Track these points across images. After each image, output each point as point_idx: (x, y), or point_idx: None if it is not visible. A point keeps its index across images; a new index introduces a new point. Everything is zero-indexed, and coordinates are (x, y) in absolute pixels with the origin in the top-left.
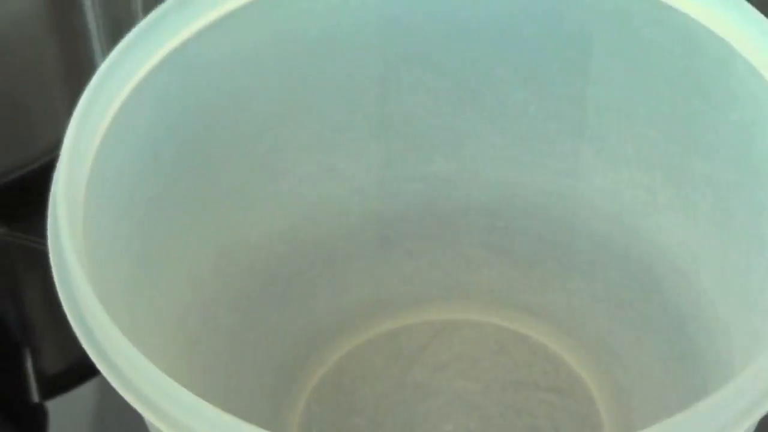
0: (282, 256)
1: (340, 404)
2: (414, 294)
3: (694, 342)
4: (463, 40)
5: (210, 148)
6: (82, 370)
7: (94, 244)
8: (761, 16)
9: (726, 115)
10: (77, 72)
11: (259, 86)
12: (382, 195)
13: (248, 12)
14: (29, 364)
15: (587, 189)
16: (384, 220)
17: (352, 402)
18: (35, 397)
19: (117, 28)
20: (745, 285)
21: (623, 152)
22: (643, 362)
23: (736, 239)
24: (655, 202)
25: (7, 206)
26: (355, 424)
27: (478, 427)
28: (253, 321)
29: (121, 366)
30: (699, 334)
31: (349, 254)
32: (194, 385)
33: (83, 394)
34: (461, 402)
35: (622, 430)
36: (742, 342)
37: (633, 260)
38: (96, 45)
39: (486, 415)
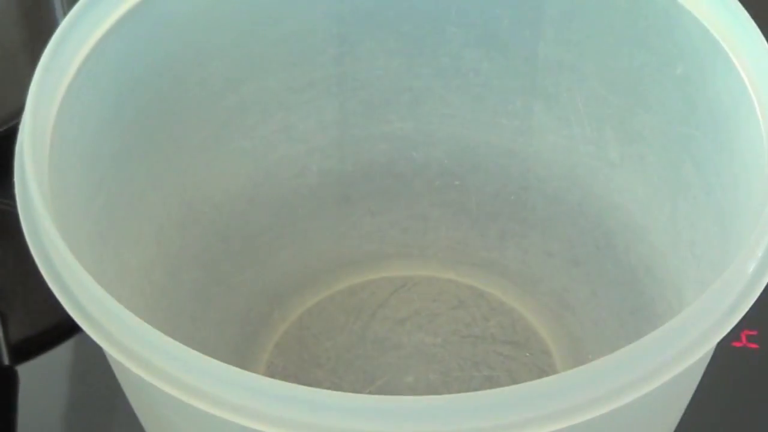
0: (244, 214)
1: (302, 358)
2: (374, 251)
3: (646, 295)
4: (414, 2)
5: (173, 105)
6: (51, 335)
7: (61, 197)
8: None
9: (671, 68)
10: (39, 36)
11: (220, 45)
12: (341, 154)
13: None
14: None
15: (541, 146)
16: (344, 180)
17: (314, 356)
18: (6, 360)
19: None
20: (694, 237)
21: (574, 109)
22: (597, 315)
23: (684, 192)
24: (607, 157)
25: None
26: (317, 377)
27: (438, 379)
28: (217, 276)
29: (88, 307)
30: (651, 287)
31: (310, 212)
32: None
33: (53, 358)
34: (421, 355)
35: None
36: (692, 293)
37: (586, 216)
38: (57, 5)
39: (445, 367)
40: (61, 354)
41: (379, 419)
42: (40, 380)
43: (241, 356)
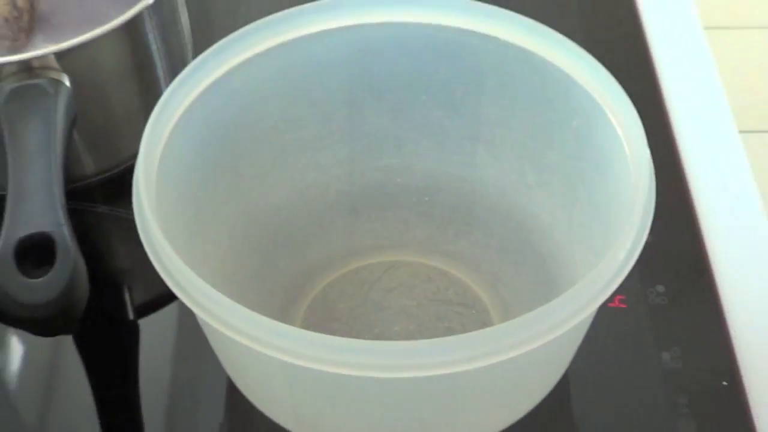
0: (286, 220)
1: (324, 315)
2: (372, 244)
3: (552, 272)
4: (399, 79)
5: (239, 148)
6: (158, 301)
7: (164, 210)
8: (592, 58)
9: (569, 122)
10: (149, 102)
11: (270, 108)
12: (350, 181)
13: (262, 58)
14: (127, 296)
15: (482, 175)
16: (352, 197)
17: (332, 313)
18: (131, 316)
19: (173, 67)
20: (584, 234)
21: (504, 150)
22: (519, 286)
23: (577, 204)
24: (525, 181)
25: (108, 193)
26: (334, 327)
27: (415, 329)
28: (268, 261)
29: (183, 283)
30: (555, 268)
31: (330, 219)
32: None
33: (163, 316)
34: (403, 313)
35: None
36: (583, 272)
37: (512, 220)
38: (161, 80)
39: (419, 320)
40: (166, 313)
41: (376, 356)
42: (153, 332)
43: (284, 314)
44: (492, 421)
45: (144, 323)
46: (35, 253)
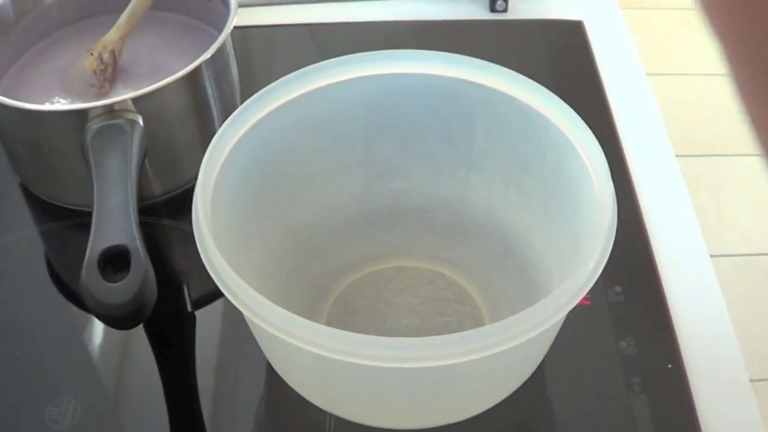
0: (314, 233)
1: (346, 310)
2: (384, 251)
3: (532, 275)
4: (407, 118)
5: (277, 174)
6: (210, 297)
7: (217, 223)
8: (563, 102)
9: (545, 154)
10: (205, 135)
11: (302, 142)
12: (366, 200)
13: (295, 103)
14: (185, 293)
15: (473, 197)
16: (368, 214)
17: (352, 309)
18: (189, 309)
19: (225, 109)
20: (558, 245)
21: (492, 177)
22: (505, 287)
23: (552, 220)
24: (509, 201)
25: (172, 209)
26: (354, 321)
27: (419, 322)
28: (300, 266)
29: (232, 288)
30: (534, 272)
31: (350, 231)
32: (270, 300)
33: (213, 310)
34: (410, 309)
35: (494, 321)
36: (558, 277)
37: (498, 233)
38: (215, 119)
39: (423, 316)
40: (215, 307)
41: (391, 350)
42: (207, 323)
43: (312, 310)
44: (483, 401)
45: (198, 315)
46: (115, 261)
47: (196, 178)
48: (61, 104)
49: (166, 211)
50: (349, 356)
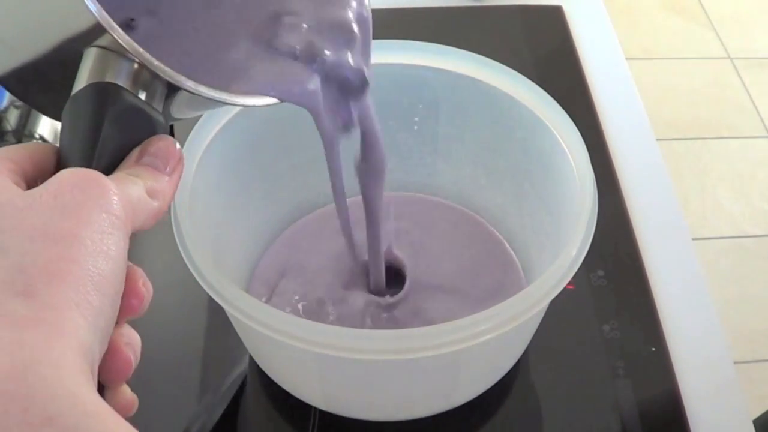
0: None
1: None
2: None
3: (509, 256)
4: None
5: (246, 175)
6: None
7: (194, 217)
8: (528, 80)
9: (514, 133)
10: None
11: (267, 141)
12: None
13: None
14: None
15: (442, 181)
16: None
17: None
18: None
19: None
20: (533, 225)
21: (459, 160)
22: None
23: (525, 199)
24: (479, 184)
25: None
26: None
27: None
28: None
29: (210, 279)
30: (511, 249)
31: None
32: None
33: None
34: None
35: None
36: (536, 254)
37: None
38: None
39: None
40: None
41: (394, 342)
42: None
43: None
44: (467, 390)
45: (179, 306)
46: None
47: None
48: None
49: None
50: (356, 353)
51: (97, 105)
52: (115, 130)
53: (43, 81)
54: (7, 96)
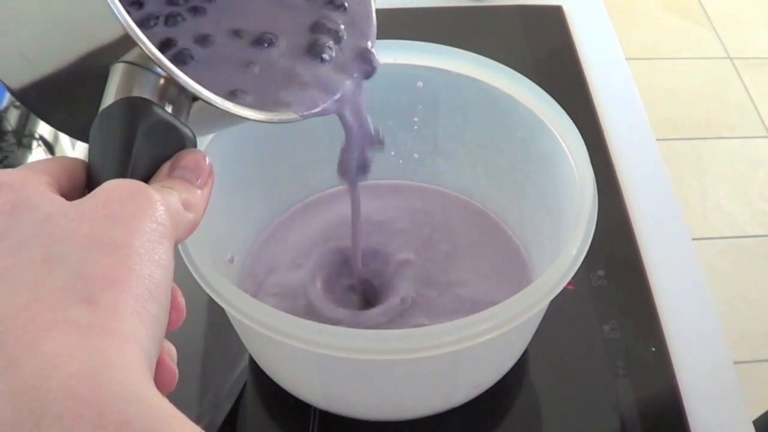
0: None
1: None
2: None
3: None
4: (369, 110)
5: (245, 179)
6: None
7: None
8: (528, 80)
9: (514, 133)
10: None
11: (267, 141)
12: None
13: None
14: None
15: (442, 181)
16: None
17: None
18: None
19: None
20: (534, 225)
21: (460, 159)
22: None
23: (526, 199)
24: (479, 183)
25: None
26: None
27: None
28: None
29: (210, 279)
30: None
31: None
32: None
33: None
34: None
35: None
36: (537, 252)
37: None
38: None
39: None
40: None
41: (395, 342)
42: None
43: None
44: (468, 390)
45: None
46: None
47: None
48: None
49: None
50: (357, 353)
51: (128, 119)
52: (147, 144)
53: (63, 97)
54: (7, 96)
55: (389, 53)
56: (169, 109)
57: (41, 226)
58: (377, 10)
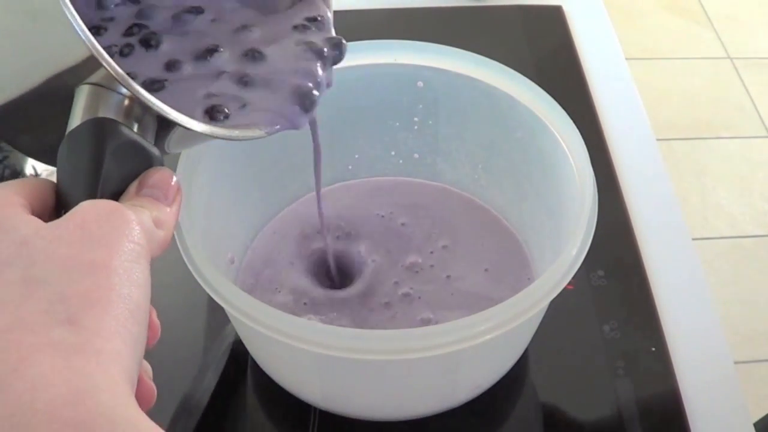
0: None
1: None
2: None
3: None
4: (369, 110)
5: (246, 178)
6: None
7: (193, 219)
8: (528, 80)
9: (514, 133)
10: None
11: (265, 141)
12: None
13: None
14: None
15: (442, 180)
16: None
17: None
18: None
19: None
20: (534, 224)
21: (459, 159)
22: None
23: (525, 199)
24: (479, 183)
25: None
26: None
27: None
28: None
29: (210, 279)
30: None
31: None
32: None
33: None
34: None
35: None
36: (537, 250)
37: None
38: None
39: None
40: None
41: (393, 342)
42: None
43: None
44: (469, 389)
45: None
46: None
47: None
48: None
49: None
50: (357, 353)
51: (96, 140)
52: (115, 164)
53: (28, 120)
54: None
55: (390, 53)
56: (135, 128)
57: (19, 248)
58: (377, 10)
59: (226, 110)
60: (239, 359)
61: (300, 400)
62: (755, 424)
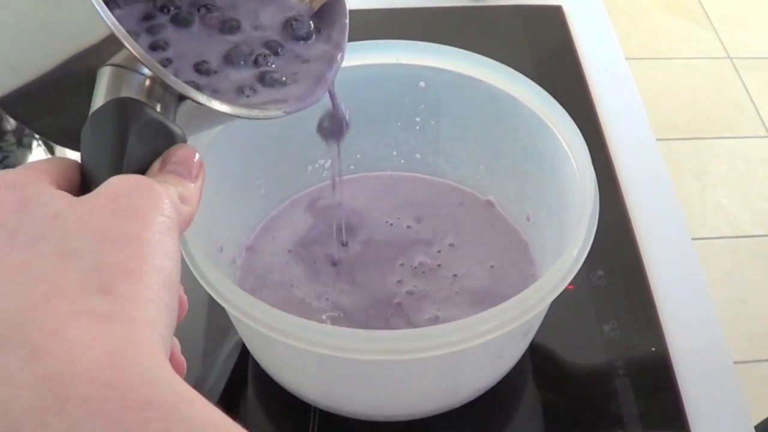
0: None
1: None
2: None
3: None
4: (373, 111)
5: (246, 177)
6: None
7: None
8: (531, 81)
9: (516, 134)
10: None
11: (265, 142)
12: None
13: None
14: None
15: (444, 179)
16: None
17: None
18: None
19: None
20: (536, 223)
21: (461, 160)
22: None
23: (528, 199)
24: (480, 182)
25: None
26: None
27: None
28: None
29: (210, 279)
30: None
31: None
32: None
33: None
34: None
35: None
36: (538, 248)
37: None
38: None
39: None
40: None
41: (393, 343)
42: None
43: None
44: (469, 389)
45: None
46: None
47: None
48: None
49: None
50: (358, 353)
51: (120, 119)
52: (139, 143)
53: (47, 102)
54: None
55: (392, 53)
56: (157, 107)
57: (52, 221)
58: (377, 10)
59: (284, 78)
60: (240, 359)
61: (300, 399)
62: (756, 427)
